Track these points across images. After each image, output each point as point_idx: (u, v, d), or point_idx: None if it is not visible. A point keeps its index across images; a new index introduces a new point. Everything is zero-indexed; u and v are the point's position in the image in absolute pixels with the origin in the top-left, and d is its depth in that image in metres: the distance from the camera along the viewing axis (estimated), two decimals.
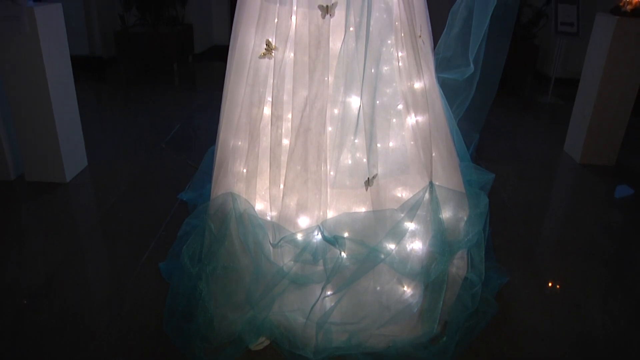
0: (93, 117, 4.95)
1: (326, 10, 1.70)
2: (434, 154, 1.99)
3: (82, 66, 6.35)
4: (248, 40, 1.86)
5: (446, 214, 2.03)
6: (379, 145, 1.85)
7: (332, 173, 1.83)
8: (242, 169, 1.96)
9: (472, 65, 2.22)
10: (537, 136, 4.92)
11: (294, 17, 1.74)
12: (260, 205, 1.97)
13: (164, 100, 5.56)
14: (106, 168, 3.82)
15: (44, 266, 2.59)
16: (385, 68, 1.84)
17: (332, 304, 1.91)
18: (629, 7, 3.90)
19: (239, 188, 1.97)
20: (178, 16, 6.75)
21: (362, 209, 1.89)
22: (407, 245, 1.96)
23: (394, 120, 1.88)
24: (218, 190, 2.03)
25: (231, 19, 7.16)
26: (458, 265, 2.16)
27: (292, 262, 1.88)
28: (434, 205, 1.95)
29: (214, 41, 7.89)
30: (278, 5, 1.76)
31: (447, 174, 2.05)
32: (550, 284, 2.59)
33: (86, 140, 3.84)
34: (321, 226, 1.83)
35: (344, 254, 1.85)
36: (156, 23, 6.58)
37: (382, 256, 1.86)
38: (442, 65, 2.26)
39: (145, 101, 5.55)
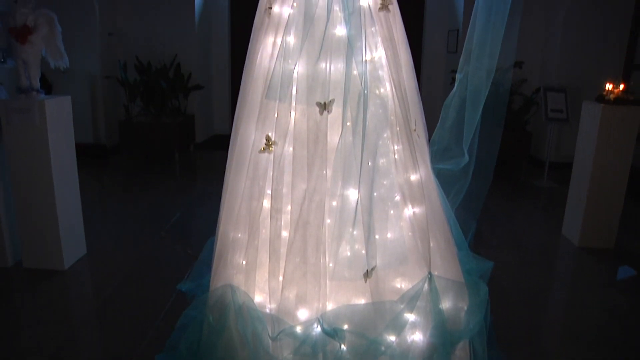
0: (94, 204, 5.00)
1: (324, 107, 1.78)
2: (432, 244, 2.00)
3: (86, 154, 6.49)
4: (248, 135, 1.93)
5: (446, 304, 2.02)
6: (377, 236, 1.87)
7: (331, 265, 1.83)
8: (241, 261, 1.97)
9: (466, 156, 2.28)
10: (534, 221, 4.95)
11: (293, 114, 1.82)
12: (259, 298, 1.96)
13: (164, 189, 5.63)
14: (105, 256, 3.81)
15: (39, 358, 2.53)
16: (382, 161, 1.90)
17: None
18: (612, 96, 4.07)
19: (239, 280, 1.97)
20: (181, 107, 6.98)
21: (362, 301, 1.88)
22: (408, 337, 1.93)
23: (392, 211, 1.91)
24: (217, 281, 2.03)
25: (232, 109, 7.39)
26: (460, 356, 2.12)
27: (292, 355, 1.84)
28: (434, 296, 1.94)
29: (215, 130, 8.10)
30: (277, 102, 1.84)
31: (446, 264, 2.05)
32: None
33: (86, 227, 3.86)
34: (320, 319, 1.82)
35: (343, 347, 1.83)
36: (159, 113, 6.79)
37: (383, 348, 1.84)
38: (437, 156, 2.32)
39: (146, 189, 5.62)
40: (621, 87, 4.12)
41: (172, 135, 6.65)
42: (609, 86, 4.15)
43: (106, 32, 6.82)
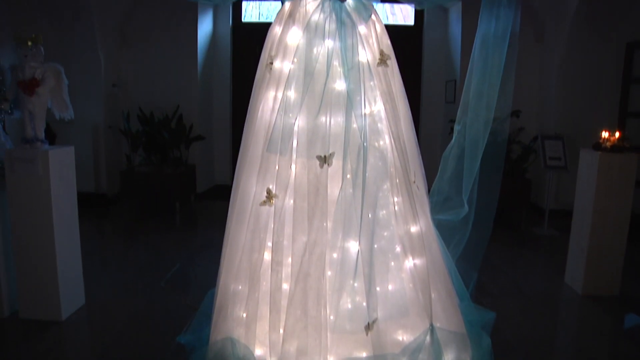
0: (94, 254, 4.97)
1: (324, 160, 1.81)
2: (433, 296, 2.00)
3: (87, 203, 6.50)
4: (249, 188, 1.96)
5: (448, 356, 2.00)
6: (378, 288, 1.87)
7: (332, 317, 1.83)
8: (241, 314, 1.96)
9: (466, 206, 2.30)
10: (536, 269, 4.91)
11: (293, 166, 1.85)
12: (259, 351, 1.94)
13: (165, 239, 5.61)
14: (103, 306, 3.77)
15: None
16: (382, 212, 1.92)
17: None
18: (608, 144, 4.11)
19: (239, 333, 1.95)
20: (182, 157, 7.04)
21: (363, 354, 1.86)
22: None
23: (392, 263, 1.92)
24: (217, 334, 2.01)
25: (233, 159, 7.42)
26: None
27: None
28: (436, 348, 1.92)
29: (216, 181, 8.14)
30: (278, 155, 1.88)
31: (448, 315, 2.04)
32: None
33: (85, 277, 3.82)
34: None
35: None
36: (161, 163, 6.84)
37: None
38: (437, 207, 2.34)
39: (147, 239, 5.61)
40: (617, 134, 4.17)
41: (173, 185, 6.68)
42: (605, 134, 4.20)
43: (110, 83, 6.95)
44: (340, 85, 1.89)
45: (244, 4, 7.63)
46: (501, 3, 2.38)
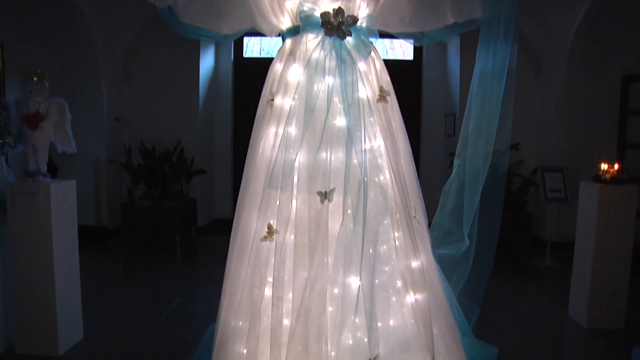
0: (93, 288, 4.94)
1: (325, 195, 1.82)
2: (435, 331, 1.98)
3: (87, 236, 6.48)
4: (250, 223, 1.96)
5: None
6: (379, 324, 1.85)
7: (333, 354, 1.81)
8: (242, 350, 1.94)
9: (467, 240, 2.30)
10: (539, 302, 4.87)
11: (294, 202, 1.86)
12: None
13: (165, 273, 5.58)
14: (102, 341, 3.73)
15: None
16: (383, 247, 1.92)
17: None
18: (607, 176, 4.13)
19: None
20: (183, 191, 7.06)
21: None
22: None
23: (394, 298, 1.91)
24: None
25: (234, 193, 7.41)
26: None
27: None
28: None
29: (217, 215, 8.14)
30: (279, 191, 1.89)
31: (450, 351, 2.02)
32: None
33: (84, 311, 3.79)
34: None
35: None
36: (162, 197, 6.86)
37: None
38: (437, 241, 2.34)
39: (147, 273, 5.58)
40: (616, 166, 4.19)
41: (174, 219, 6.68)
42: (604, 166, 4.22)
43: (113, 117, 7.02)
44: (340, 121, 1.92)
45: (245, 39, 7.75)
46: (498, 39, 2.43)
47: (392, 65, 2.89)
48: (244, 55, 7.89)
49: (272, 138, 2.00)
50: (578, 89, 6.44)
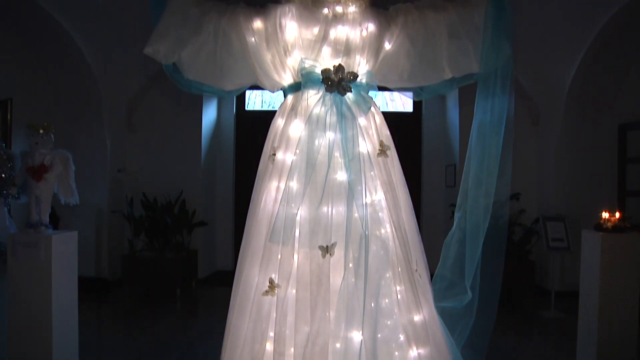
0: (92, 340, 4.86)
1: (326, 250, 1.83)
2: None
3: (87, 287, 6.42)
4: (252, 278, 1.96)
5: None
6: None
7: None
8: None
9: (469, 292, 2.29)
10: (546, 353, 4.77)
11: (295, 256, 1.86)
12: None
13: (164, 325, 5.51)
14: None
15: None
16: (385, 301, 1.91)
17: None
18: (609, 224, 4.12)
19: None
20: (184, 242, 7.04)
21: None
22: None
23: (396, 353, 1.88)
24: None
25: (235, 245, 7.37)
26: None
27: None
28: None
29: (218, 267, 8.09)
30: (281, 245, 1.89)
31: None
32: None
33: None
34: None
35: None
36: (163, 249, 6.83)
37: None
38: (440, 294, 2.32)
39: (146, 325, 5.50)
40: (617, 215, 4.19)
41: (175, 271, 6.64)
42: (605, 215, 4.22)
43: (116, 169, 7.07)
44: (341, 175, 1.95)
45: (247, 92, 7.90)
46: (495, 92, 2.48)
47: (392, 118, 2.95)
48: (246, 108, 8.02)
49: (274, 192, 2.02)
50: (576, 137, 6.51)
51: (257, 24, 2.27)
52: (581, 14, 5.53)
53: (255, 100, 7.96)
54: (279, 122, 2.22)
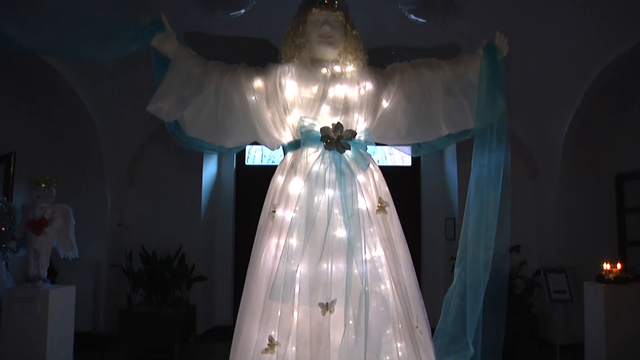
0: None
1: (326, 307, 1.82)
2: None
3: (83, 342, 6.29)
4: (251, 335, 1.94)
5: None
6: None
7: None
8: None
9: (471, 348, 2.26)
10: None
11: (295, 314, 1.85)
12: None
13: None
14: None
15: None
16: (386, 358, 1.89)
17: None
18: (611, 276, 4.11)
19: None
20: (183, 297, 6.95)
21: None
22: None
23: None
24: None
25: (234, 301, 7.26)
26: None
27: None
28: None
29: (217, 322, 7.97)
30: (281, 302, 1.88)
31: None
32: None
33: None
34: None
35: None
36: (161, 303, 6.74)
37: None
38: (441, 350, 2.30)
39: None
40: (618, 266, 4.18)
41: (173, 326, 6.53)
42: (606, 266, 4.21)
43: (115, 222, 7.07)
44: (341, 232, 1.96)
45: (247, 147, 7.97)
46: (492, 147, 2.52)
47: (391, 171, 2.98)
48: (246, 163, 8.09)
49: (273, 249, 2.03)
50: (574, 188, 6.54)
51: (258, 82, 2.34)
52: (575, 67, 5.65)
53: (255, 155, 8.03)
54: (278, 179, 2.25)
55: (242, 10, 3.87)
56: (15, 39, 2.10)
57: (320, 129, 2.16)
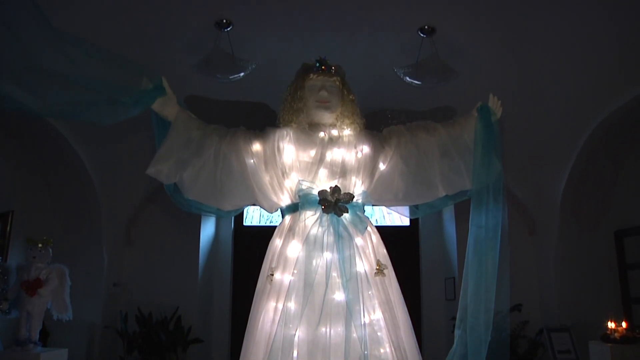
0: None
1: None
2: None
3: None
4: None
5: None
6: None
7: None
8: None
9: None
10: None
11: None
12: None
13: None
14: None
15: None
16: None
17: None
18: (617, 335, 4.03)
19: None
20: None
21: None
22: None
23: None
24: None
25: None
26: None
27: None
28: None
29: None
30: None
31: None
32: None
33: None
34: None
35: None
36: None
37: None
38: None
39: None
40: (624, 324, 4.11)
41: None
42: (611, 324, 4.13)
43: (112, 282, 6.98)
44: (339, 295, 1.95)
45: (245, 208, 7.97)
46: (489, 207, 2.53)
47: (390, 231, 2.98)
48: (244, 224, 8.07)
49: (271, 313, 2.01)
50: (574, 245, 6.50)
51: (256, 146, 2.37)
52: (570, 123, 5.70)
53: (253, 215, 8.02)
54: (277, 242, 2.25)
55: (242, 74, 3.97)
56: (17, 102, 2.11)
57: (318, 192, 2.18)
